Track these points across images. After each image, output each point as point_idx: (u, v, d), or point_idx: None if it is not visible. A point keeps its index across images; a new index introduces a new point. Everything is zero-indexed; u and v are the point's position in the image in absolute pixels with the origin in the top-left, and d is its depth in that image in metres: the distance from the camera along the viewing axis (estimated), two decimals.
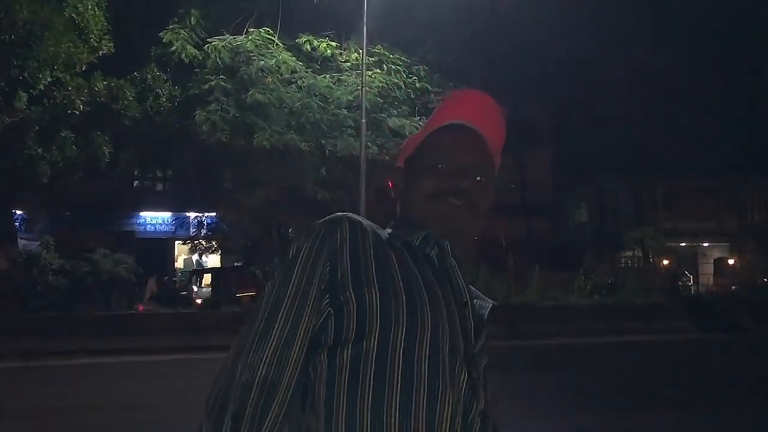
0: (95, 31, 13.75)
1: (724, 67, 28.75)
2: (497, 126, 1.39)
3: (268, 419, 1.08)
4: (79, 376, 10.45)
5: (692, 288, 26.33)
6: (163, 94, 16.13)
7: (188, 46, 15.52)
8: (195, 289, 21.64)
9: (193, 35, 15.86)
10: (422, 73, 17.99)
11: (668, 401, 8.53)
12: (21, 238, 18.57)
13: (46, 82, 12.90)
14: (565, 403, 8.48)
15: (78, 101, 12.83)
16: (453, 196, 1.28)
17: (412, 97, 17.93)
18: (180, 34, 15.55)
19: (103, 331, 13.32)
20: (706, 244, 30.87)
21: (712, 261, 30.56)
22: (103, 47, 13.89)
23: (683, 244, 28.52)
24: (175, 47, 15.42)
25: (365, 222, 1.26)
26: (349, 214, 1.25)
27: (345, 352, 1.12)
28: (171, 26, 15.54)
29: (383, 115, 17.42)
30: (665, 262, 28.02)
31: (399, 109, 17.90)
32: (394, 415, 1.09)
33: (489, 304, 1.36)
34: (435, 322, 1.16)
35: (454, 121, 1.35)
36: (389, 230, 1.32)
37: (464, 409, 1.16)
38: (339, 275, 1.16)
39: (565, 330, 16.68)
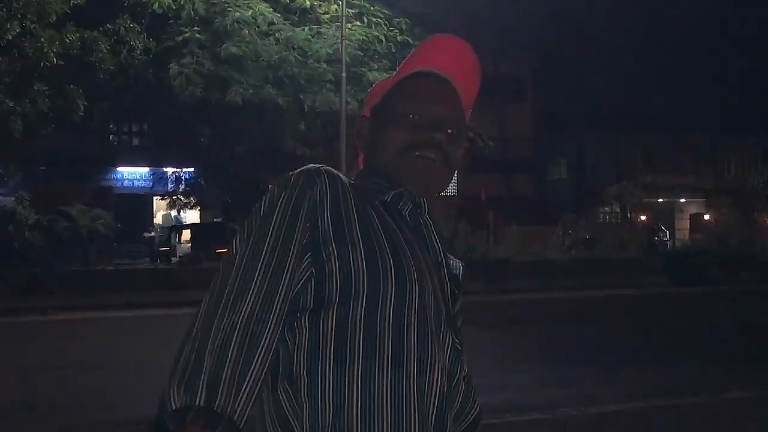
0: None
1: (703, 26, 28.67)
2: (473, 78, 1.31)
3: (247, 381, 0.96)
4: (56, 333, 10.42)
5: (669, 243, 26.71)
6: (138, 47, 15.76)
7: None
8: (175, 244, 21.57)
9: None
10: (403, 26, 17.72)
11: (644, 354, 8.71)
12: None
13: (15, 33, 12.51)
14: (543, 356, 8.63)
15: (50, 53, 12.48)
16: (427, 149, 1.20)
17: (393, 50, 17.68)
18: None
19: (82, 287, 13.26)
20: (683, 200, 31.23)
21: (689, 217, 30.98)
22: None
23: (660, 200, 28.85)
24: None
25: (343, 177, 1.18)
26: (327, 167, 1.17)
27: (329, 317, 1.05)
28: None
29: (363, 69, 17.19)
30: (643, 217, 28.35)
31: (380, 63, 17.67)
32: (386, 383, 1.03)
33: (459, 264, 1.32)
34: (421, 285, 1.11)
35: (427, 68, 1.26)
36: (352, 182, 1.23)
37: (449, 374, 1.13)
38: (320, 231, 1.08)
39: (544, 285, 16.90)
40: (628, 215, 26.19)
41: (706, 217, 29.84)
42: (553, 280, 17.25)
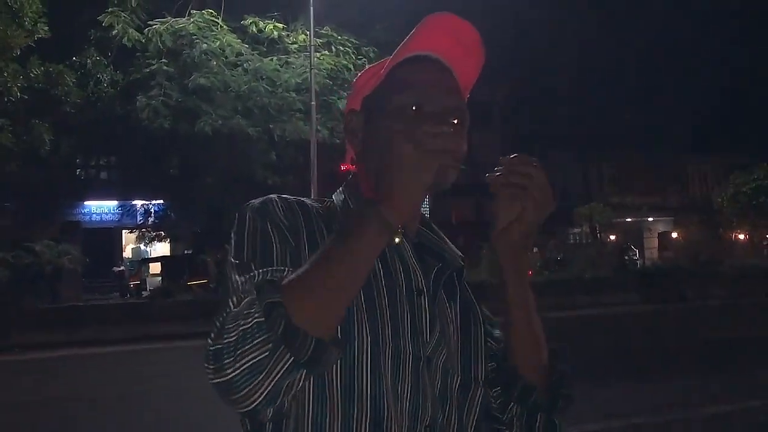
0: (30, 14, 13.21)
1: (668, 49, 29.42)
2: (473, 56, 1.16)
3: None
4: (24, 371, 10.15)
5: (638, 262, 27.04)
6: (105, 80, 15.66)
7: (130, 30, 15.04)
8: (145, 278, 21.27)
9: (135, 18, 15.37)
10: (371, 55, 17.84)
11: (619, 372, 8.75)
12: None
13: None
14: None
15: (14, 88, 12.33)
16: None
17: None
18: (120, 17, 15.05)
19: (49, 324, 12.96)
20: (651, 219, 31.72)
21: (657, 235, 31.45)
22: (39, 31, 13.36)
23: (629, 220, 29.26)
24: (116, 30, 14.93)
25: (309, 202, 1.14)
26: (280, 195, 1.13)
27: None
28: (111, 9, 15.04)
29: (333, 97, 17.26)
30: (612, 237, 28.70)
31: (349, 91, 17.74)
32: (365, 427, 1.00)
33: (459, 259, 1.21)
34: (395, 318, 1.05)
35: (425, 52, 1.12)
36: (342, 196, 1.17)
37: (432, 422, 1.05)
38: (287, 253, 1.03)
39: None
40: (598, 235, 26.49)
41: (674, 235, 30.32)
42: None
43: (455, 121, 1.09)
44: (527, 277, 1.16)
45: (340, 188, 1.19)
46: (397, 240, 1.00)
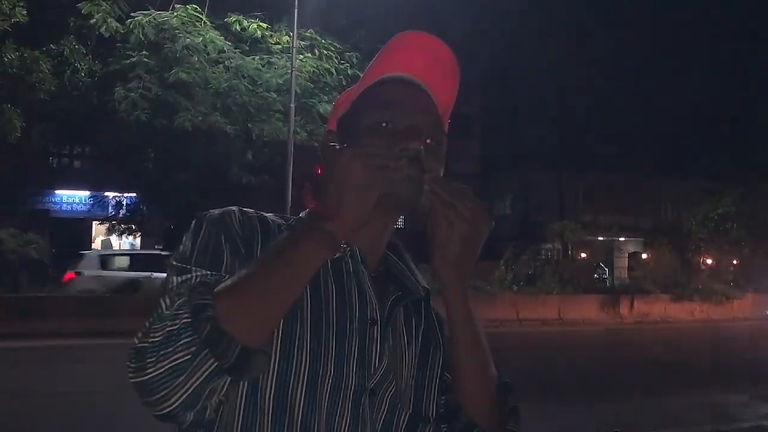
0: None
1: (647, 68, 29.85)
2: (449, 78, 1.14)
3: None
4: None
5: (608, 280, 27.29)
6: (82, 68, 15.43)
7: (110, 19, 14.84)
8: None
9: (116, 8, 15.18)
10: (354, 60, 17.85)
11: (580, 389, 8.80)
12: None
13: None
14: None
15: None
16: (403, 161, 1.03)
17: (344, 83, 17.76)
18: (101, 6, 14.85)
19: (7, 314, 12.68)
20: (622, 239, 32.06)
21: (627, 255, 31.79)
22: (17, 15, 13.16)
23: (601, 238, 29.54)
24: (95, 19, 14.74)
25: (270, 217, 1.10)
26: (242, 209, 1.09)
27: (240, 384, 0.98)
28: None
29: (313, 100, 17.22)
30: (584, 255, 28.95)
31: (330, 95, 17.70)
32: None
33: (424, 290, 1.17)
34: (341, 347, 1.02)
35: (394, 73, 1.11)
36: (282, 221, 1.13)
37: None
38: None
39: (485, 319, 16.98)
40: (569, 252, 26.71)
41: (644, 256, 30.67)
42: (494, 313, 17.38)
43: (428, 141, 1.07)
44: (469, 299, 1.11)
45: (307, 209, 1.16)
46: (337, 255, 0.99)
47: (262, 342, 0.92)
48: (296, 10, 15.44)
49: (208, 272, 0.98)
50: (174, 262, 1.01)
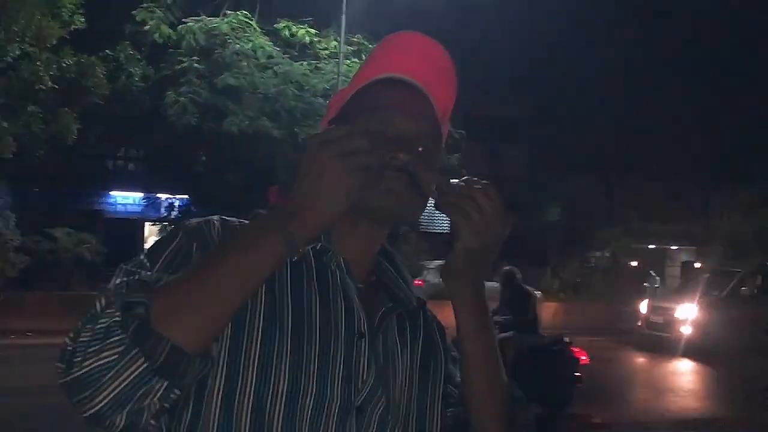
0: (68, 5, 13.44)
1: (701, 72, 29.07)
2: (447, 82, 1.09)
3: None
4: (29, 357, 10.26)
5: (659, 290, 26.62)
6: (136, 74, 15.86)
7: (162, 26, 15.25)
8: None
9: (169, 15, 15.59)
10: None
11: (621, 401, 8.62)
12: None
13: (15, 55, 12.59)
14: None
15: (46, 76, 12.54)
16: (388, 171, 0.99)
17: None
18: (155, 13, 15.27)
19: (62, 311, 13.08)
20: (674, 247, 31.27)
21: (680, 264, 30.96)
22: (76, 22, 13.59)
23: (651, 246, 28.88)
24: (149, 26, 15.14)
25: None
26: (223, 218, 1.07)
27: (215, 401, 0.94)
28: (146, 4, 15.26)
29: None
30: (634, 263, 28.32)
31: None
32: None
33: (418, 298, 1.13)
34: (324, 363, 0.98)
35: (390, 74, 1.05)
36: None
37: None
38: None
39: None
40: (618, 260, 26.18)
41: (697, 265, 29.82)
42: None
43: (420, 149, 1.02)
44: (480, 309, 1.05)
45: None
46: (296, 258, 0.94)
47: (200, 345, 0.87)
48: (344, 16, 15.57)
49: (153, 271, 0.94)
50: (122, 265, 0.98)
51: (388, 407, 1.03)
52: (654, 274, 27.81)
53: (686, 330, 14.72)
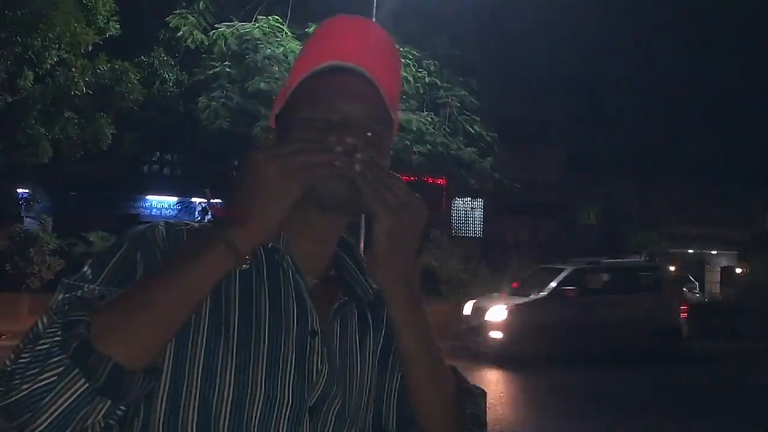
0: (103, 12, 13.69)
1: (742, 73, 28.42)
2: (391, 66, 1.07)
3: None
4: None
5: (698, 296, 26.06)
6: (170, 79, 16.10)
7: (195, 32, 15.44)
8: None
9: (202, 20, 15.78)
10: (432, 68, 17.81)
11: (655, 409, 8.42)
12: (25, 216, 18.62)
13: (52, 62, 12.85)
14: (554, 407, 8.38)
15: (81, 82, 12.78)
16: (337, 157, 0.95)
17: (421, 91, 17.76)
18: (188, 19, 15.47)
19: None
20: (713, 252, 30.60)
21: (720, 269, 30.28)
22: (111, 29, 13.84)
23: (690, 251, 28.30)
24: (182, 32, 15.34)
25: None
26: (170, 222, 1.05)
27: (162, 408, 0.92)
28: (179, 10, 15.47)
29: None
30: (672, 268, 27.78)
31: (407, 103, 17.73)
32: None
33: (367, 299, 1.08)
34: (273, 363, 0.95)
35: (332, 61, 1.03)
36: None
37: None
38: None
39: None
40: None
41: (738, 270, 29.12)
42: None
43: (369, 135, 1.00)
44: (411, 300, 0.99)
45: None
46: (245, 267, 0.92)
47: (143, 362, 0.85)
48: (374, 18, 15.54)
49: (98, 288, 0.92)
50: (65, 280, 0.96)
51: (345, 406, 1.00)
52: (693, 279, 27.24)
53: (496, 335, 12.82)
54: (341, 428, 0.99)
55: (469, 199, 26.49)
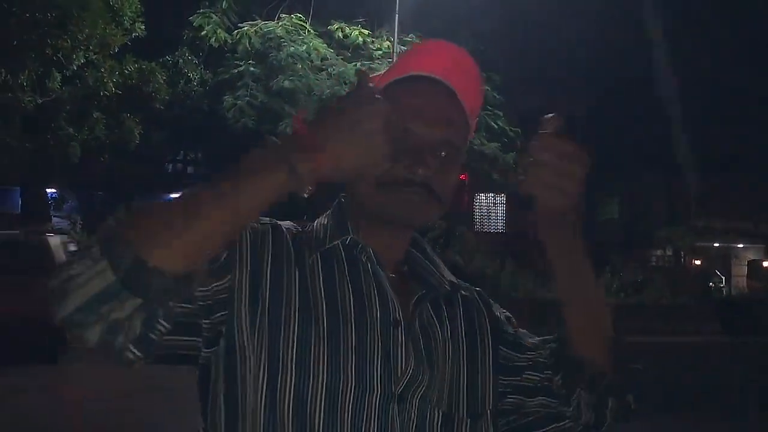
0: (129, 14, 13.87)
1: (763, 62, 27.97)
2: (475, 83, 1.13)
3: None
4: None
5: (724, 290, 25.76)
6: (195, 78, 16.25)
7: (219, 31, 15.54)
8: None
9: (225, 19, 15.89)
10: None
11: (683, 405, 8.37)
12: (54, 216, 18.93)
13: (80, 63, 13.05)
14: None
15: (110, 83, 12.97)
16: (408, 186, 1.02)
17: None
18: (212, 19, 15.58)
19: None
20: (740, 246, 30.21)
21: (746, 263, 29.89)
22: (137, 29, 14.01)
23: (716, 245, 27.98)
24: (206, 31, 15.46)
25: (285, 223, 1.11)
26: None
27: (259, 401, 0.96)
28: (202, 10, 15.59)
29: None
30: (697, 262, 27.49)
31: None
32: None
33: (474, 292, 1.17)
34: (362, 353, 0.99)
35: (419, 72, 1.08)
36: (325, 220, 1.12)
37: None
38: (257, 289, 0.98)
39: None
40: (681, 259, 25.44)
41: (766, 264, 28.74)
42: None
43: (443, 154, 1.06)
44: (576, 252, 1.11)
45: (327, 212, 1.16)
46: (306, 195, 0.92)
47: (173, 265, 0.83)
48: (396, 15, 15.57)
49: None
50: None
51: (429, 391, 1.04)
52: (719, 273, 26.92)
53: None
54: (425, 410, 1.03)
55: (492, 194, 26.44)
